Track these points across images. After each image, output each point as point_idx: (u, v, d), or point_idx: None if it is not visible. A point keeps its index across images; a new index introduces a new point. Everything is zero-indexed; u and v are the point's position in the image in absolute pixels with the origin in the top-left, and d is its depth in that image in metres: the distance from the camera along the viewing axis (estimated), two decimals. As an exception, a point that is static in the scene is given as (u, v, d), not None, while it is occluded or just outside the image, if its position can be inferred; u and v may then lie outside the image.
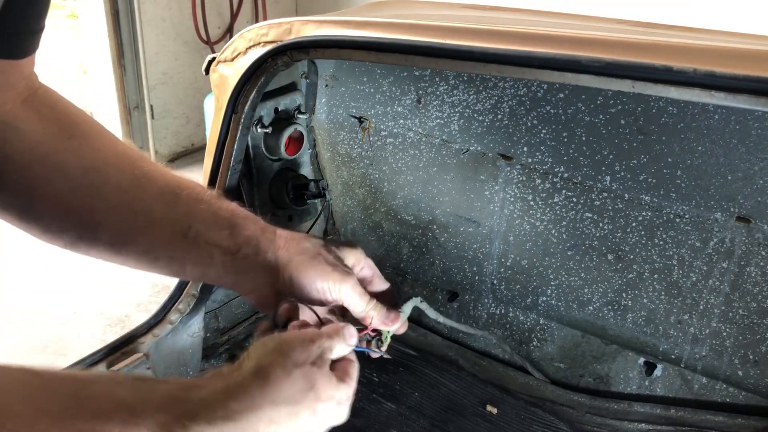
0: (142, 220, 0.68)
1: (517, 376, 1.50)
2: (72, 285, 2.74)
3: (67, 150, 0.67)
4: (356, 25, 1.14)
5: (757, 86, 0.79)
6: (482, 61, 0.97)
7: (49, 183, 0.65)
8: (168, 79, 3.75)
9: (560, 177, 1.32)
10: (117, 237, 0.68)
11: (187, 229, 0.67)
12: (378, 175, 1.56)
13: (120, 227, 0.68)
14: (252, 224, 0.71)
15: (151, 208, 0.68)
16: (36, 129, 0.66)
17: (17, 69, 0.65)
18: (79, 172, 0.66)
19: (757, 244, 1.17)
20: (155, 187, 0.69)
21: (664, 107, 1.16)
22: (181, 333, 1.33)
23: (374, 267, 0.77)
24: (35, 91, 0.68)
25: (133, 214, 0.67)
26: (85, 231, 0.67)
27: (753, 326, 1.23)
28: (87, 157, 0.67)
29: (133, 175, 0.69)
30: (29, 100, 0.67)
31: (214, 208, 0.70)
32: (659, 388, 1.39)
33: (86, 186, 0.66)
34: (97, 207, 0.67)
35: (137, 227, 0.68)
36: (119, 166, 0.69)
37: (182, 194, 0.69)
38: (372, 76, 1.46)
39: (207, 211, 0.69)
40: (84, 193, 0.66)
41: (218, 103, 1.27)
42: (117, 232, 0.68)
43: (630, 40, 0.94)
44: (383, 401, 1.41)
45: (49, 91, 0.70)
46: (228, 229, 0.69)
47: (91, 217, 0.67)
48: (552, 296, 1.44)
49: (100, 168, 0.67)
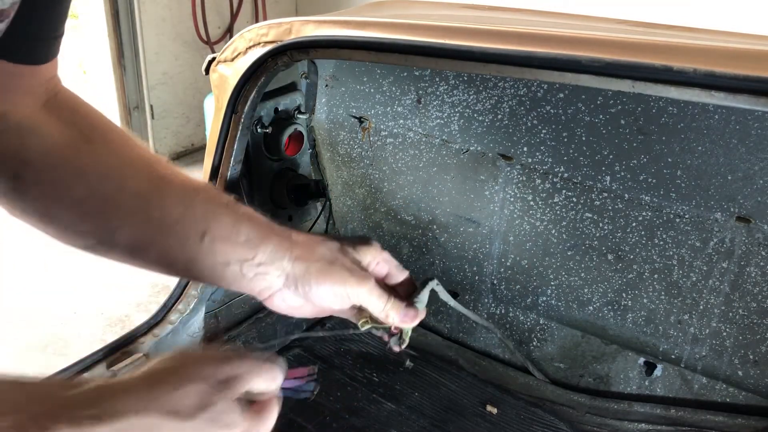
0: (158, 226, 0.67)
1: (517, 376, 1.50)
2: (72, 285, 2.74)
3: (86, 154, 0.67)
4: (356, 25, 1.14)
5: (757, 86, 0.79)
6: (482, 61, 0.97)
7: (67, 188, 0.66)
8: (168, 79, 3.75)
9: (560, 177, 1.32)
10: (134, 242, 0.68)
11: (204, 233, 0.67)
12: (378, 175, 1.56)
13: (136, 233, 0.67)
14: (269, 230, 0.70)
15: (168, 213, 0.67)
16: (55, 133, 0.66)
17: (38, 74, 0.65)
18: (96, 178, 0.66)
19: (757, 244, 1.17)
20: (171, 192, 0.69)
21: (664, 107, 1.16)
22: (181, 333, 1.33)
23: (391, 259, 0.78)
24: (56, 94, 0.68)
25: (150, 219, 0.67)
26: (103, 236, 0.67)
27: (753, 326, 1.23)
28: (104, 162, 0.67)
29: (150, 180, 0.68)
30: (49, 104, 0.67)
31: (231, 213, 0.69)
32: (659, 388, 1.39)
33: (103, 192, 0.66)
34: (113, 213, 0.67)
35: (153, 233, 0.68)
36: (136, 171, 0.69)
37: (198, 198, 0.69)
38: (372, 76, 1.46)
39: (223, 215, 0.69)
40: (101, 198, 0.66)
41: (218, 103, 1.27)
42: (134, 237, 0.68)
43: (630, 40, 0.94)
44: (383, 401, 1.41)
45: (69, 95, 0.70)
46: (245, 235, 0.68)
47: (108, 223, 0.67)
48: (552, 296, 1.44)
49: (117, 173, 0.68)
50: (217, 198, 0.71)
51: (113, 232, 0.67)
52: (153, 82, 3.65)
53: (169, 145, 3.88)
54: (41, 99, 0.66)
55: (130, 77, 3.62)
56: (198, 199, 0.69)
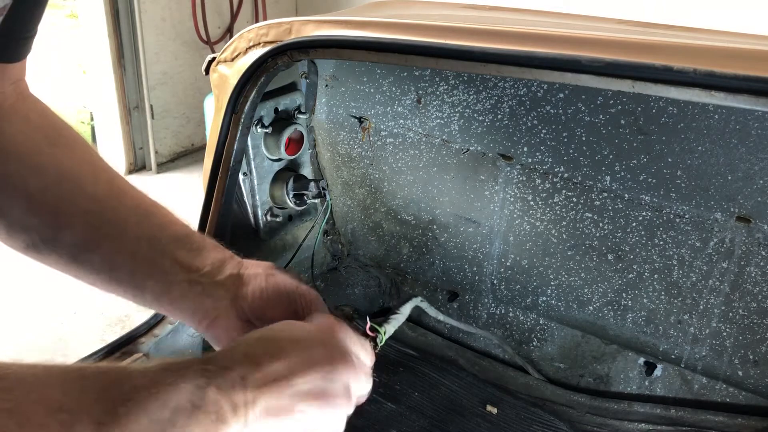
0: (111, 228, 0.67)
1: (517, 376, 1.50)
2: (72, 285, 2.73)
3: (47, 155, 0.66)
4: (356, 25, 1.14)
5: (757, 86, 0.79)
6: (482, 61, 0.97)
7: (22, 181, 0.65)
8: (168, 79, 3.75)
9: (560, 177, 1.32)
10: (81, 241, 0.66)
11: (155, 243, 0.66)
12: (378, 175, 1.56)
13: (86, 231, 0.66)
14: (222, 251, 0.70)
15: (122, 219, 0.67)
16: (20, 131, 0.66)
17: (8, 72, 0.65)
18: (54, 176, 0.66)
19: (757, 244, 1.17)
20: (129, 203, 0.68)
21: (664, 107, 1.16)
22: (181, 333, 1.33)
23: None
24: (25, 98, 0.68)
25: (103, 221, 0.66)
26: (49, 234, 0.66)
27: (753, 326, 1.23)
28: (65, 164, 0.67)
29: (109, 188, 0.68)
30: (17, 106, 0.67)
31: (188, 231, 0.69)
32: (659, 388, 1.39)
33: (59, 190, 0.66)
34: (65, 210, 0.66)
35: (104, 234, 0.66)
36: (95, 178, 0.68)
37: (156, 212, 0.69)
38: (372, 76, 1.46)
39: (179, 232, 0.68)
40: (56, 195, 0.66)
41: (218, 103, 1.27)
42: (82, 236, 0.66)
43: (630, 40, 0.94)
44: (383, 401, 1.41)
45: (38, 101, 0.70)
46: (197, 250, 0.67)
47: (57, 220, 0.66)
48: (552, 296, 1.44)
49: (76, 176, 0.67)
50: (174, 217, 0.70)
51: (61, 229, 0.66)
52: (153, 82, 3.65)
53: (169, 145, 3.88)
54: (8, 99, 0.66)
55: (130, 77, 3.62)
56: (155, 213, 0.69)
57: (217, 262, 0.68)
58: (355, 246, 1.72)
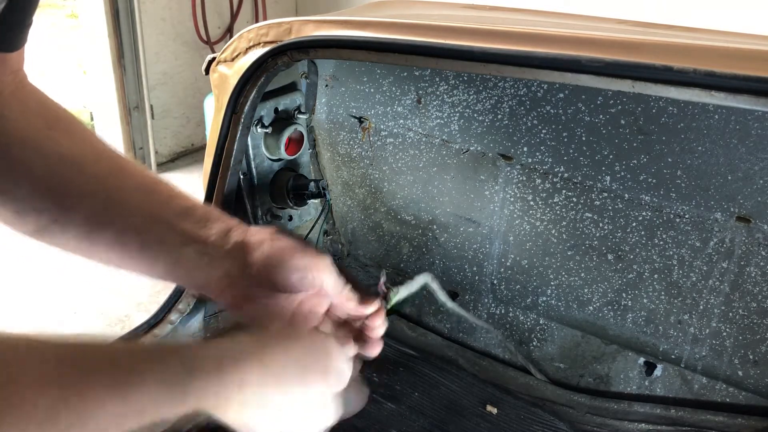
0: (118, 206, 0.69)
1: (517, 376, 1.50)
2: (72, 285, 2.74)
3: (48, 138, 0.68)
4: (356, 25, 1.14)
5: (757, 86, 0.79)
6: (482, 61, 0.97)
7: (26, 165, 0.67)
8: (168, 79, 3.75)
9: (560, 177, 1.32)
10: (91, 219, 0.68)
11: (161, 217, 0.68)
12: (378, 175, 1.56)
13: (95, 210, 0.68)
14: (227, 219, 0.72)
15: (128, 197, 0.69)
16: (19, 117, 0.67)
17: (7, 62, 0.67)
18: (56, 159, 0.68)
19: (757, 244, 1.17)
20: (133, 180, 0.70)
21: (664, 107, 1.16)
22: (181, 333, 1.33)
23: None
24: (24, 86, 0.70)
25: (109, 200, 0.68)
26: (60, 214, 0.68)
27: (753, 326, 1.23)
28: (65, 147, 0.69)
29: (111, 168, 0.70)
30: (16, 94, 0.68)
31: (191, 203, 0.71)
32: (659, 388, 1.39)
33: (62, 172, 0.68)
34: (73, 190, 0.68)
35: (111, 212, 0.68)
36: (96, 159, 0.70)
37: (160, 187, 0.71)
38: (372, 76, 1.46)
39: (183, 205, 0.70)
40: (60, 177, 0.67)
41: (218, 103, 1.27)
42: (92, 214, 0.68)
43: (630, 40, 0.94)
44: (383, 401, 1.41)
45: (37, 90, 0.72)
46: (202, 221, 0.69)
47: (66, 199, 0.68)
48: (552, 296, 1.44)
49: (77, 158, 0.69)
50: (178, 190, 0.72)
51: (70, 208, 0.67)
52: (153, 82, 3.65)
53: (169, 145, 3.88)
54: (7, 88, 0.67)
55: (130, 77, 3.62)
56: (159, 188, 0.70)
57: (222, 231, 0.69)
58: (355, 246, 1.72)
